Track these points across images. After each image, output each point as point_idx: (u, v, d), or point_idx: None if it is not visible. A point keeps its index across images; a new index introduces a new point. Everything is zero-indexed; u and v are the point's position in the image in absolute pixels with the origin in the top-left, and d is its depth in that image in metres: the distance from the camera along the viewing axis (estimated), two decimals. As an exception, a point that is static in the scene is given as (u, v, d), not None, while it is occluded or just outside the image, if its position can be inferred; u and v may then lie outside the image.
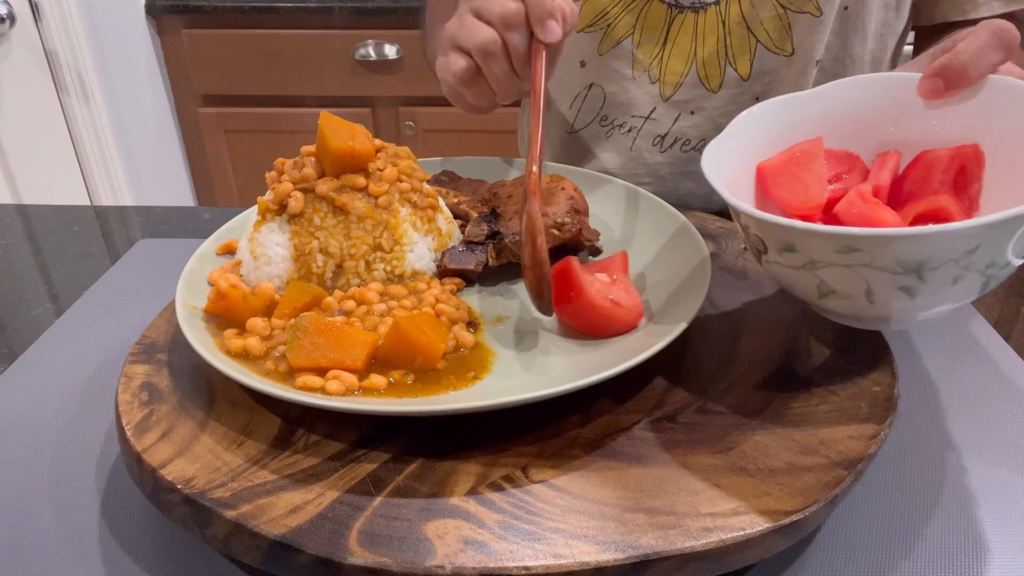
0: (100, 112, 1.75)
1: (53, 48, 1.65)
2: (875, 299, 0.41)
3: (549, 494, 0.40)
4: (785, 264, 0.43)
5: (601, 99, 0.83)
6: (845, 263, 0.40)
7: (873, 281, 0.40)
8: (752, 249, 0.46)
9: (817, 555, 0.42)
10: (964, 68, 0.46)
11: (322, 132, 0.54)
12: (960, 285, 0.39)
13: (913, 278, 0.39)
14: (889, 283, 0.39)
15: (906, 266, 0.38)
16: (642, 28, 0.77)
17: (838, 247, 0.39)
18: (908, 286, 0.39)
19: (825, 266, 0.41)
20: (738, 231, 0.66)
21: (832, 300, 0.43)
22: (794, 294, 0.46)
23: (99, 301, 0.68)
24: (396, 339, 0.47)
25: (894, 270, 0.39)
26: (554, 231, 0.58)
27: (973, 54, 0.46)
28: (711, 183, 0.46)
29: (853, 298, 0.42)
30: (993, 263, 0.39)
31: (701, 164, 0.48)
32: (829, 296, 0.43)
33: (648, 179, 0.84)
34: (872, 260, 0.38)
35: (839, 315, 0.46)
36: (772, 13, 0.74)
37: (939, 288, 0.39)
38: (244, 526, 0.38)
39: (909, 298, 0.40)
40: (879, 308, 0.42)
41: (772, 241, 0.43)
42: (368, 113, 1.96)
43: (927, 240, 0.37)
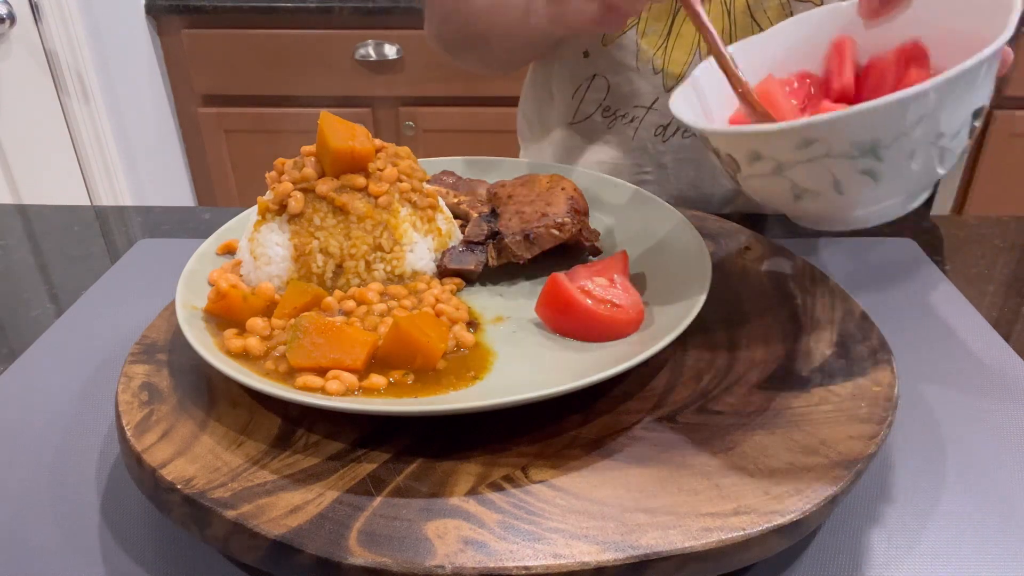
0: (100, 112, 1.75)
1: (53, 48, 1.65)
2: (843, 189, 0.43)
3: (549, 494, 0.40)
4: (758, 174, 0.45)
5: (604, 90, 0.83)
6: (807, 158, 0.42)
7: (837, 170, 0.42)
8: (729, 173, 0.48)
9: (817, 555, 0.42)
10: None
11: (322, 132, 0.54)
12: (918, 162, 0.41)
13: (871, 159, 0.41)
14: (851, 169, 0.41)
15: (861, 148, 0.40)
16: (647, 18, 0.78)
17: (796, 142, 0.41)
18: (870, 169, 0.41)
19: (791, 166, 0.43)
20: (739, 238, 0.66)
21: (807, 201, 0.45)
22: (774, 206, 0.48)
23: (99, 301, 0.68)
24: (396, 339, 0.47)
25: (851, 154, 0.41)
26: (554, 231, 0.58)
27: None
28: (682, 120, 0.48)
29: (824, 194, 0.44)
30: (942, 133, 0.41)
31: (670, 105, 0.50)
32: (803, 197, 0.44)
33: (650, 168, 0.84)
34: (829, 149, 0.41)
35: (819, 219, 0.47)
36: (776, 2, 0.74)
37: (899, 167, 0.41)
38: (244, 526, 0.38)
39: (874, 182, 0.42)
40: (850, 199, 0.44)
41: (740, 155, 0.45)
42: (368, 113, 1.96)
43: (871, 115, 0.39)
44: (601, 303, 0.51)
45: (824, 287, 0.58)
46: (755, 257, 0.62)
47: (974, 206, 1.90)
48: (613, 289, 0.52)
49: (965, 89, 0.40)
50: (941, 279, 0.69)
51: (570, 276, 0.53)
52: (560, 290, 0.51)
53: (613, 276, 0.54)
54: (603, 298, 0.51)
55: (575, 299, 0.50)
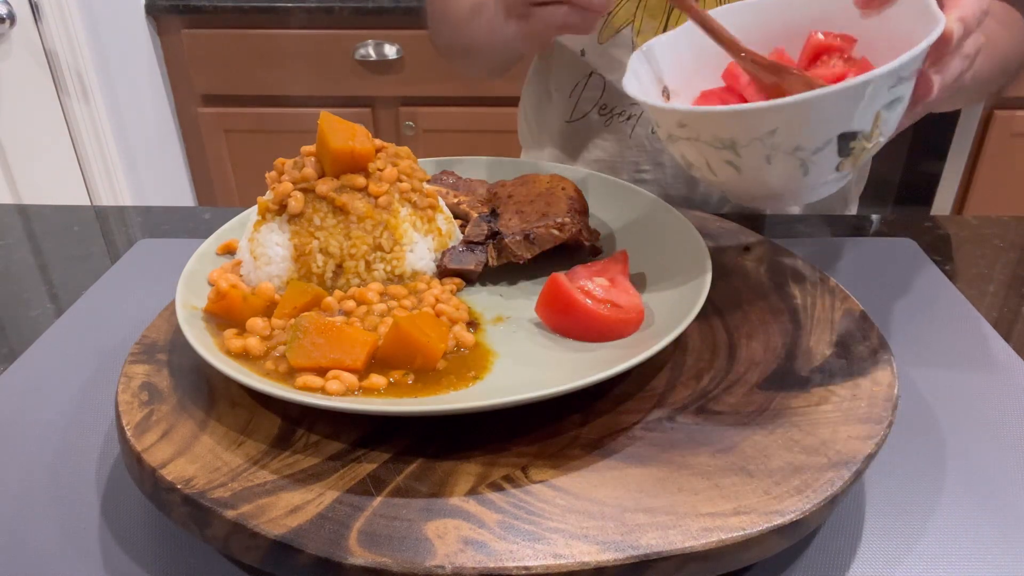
0: (100, 112, 1.75)
1: (53, 48, 1.65)
2: (715, 172, 0.46)
3: (549, 494, 0.40)
4: (662, 138, 0.49)
5: (601, 87, 0.83)
6: (685, 136, 0.45)
7: (706, 154, 0.45)
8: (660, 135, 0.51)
9: (817, 555, 0.42)
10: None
11: (322, 132, 0.54)
12: (777, 165, 0.44)
13: (731, 153, 0.43)
14: (716, 157, 0.45)
15: (722, 142, 0.43)
16: (642, 16, 0.78)
17: (675, 120, 0.45)
18: (731, 161, 0.44)
19: (676, 140, 0.46)
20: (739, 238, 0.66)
21: (696, 172, 0.48)
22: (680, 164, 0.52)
23: (99, 301, 0.68)
24: (396, 339, 0.47)
25: (715, 144, 0.44)
26: (554, 231, 0.58)
27: None
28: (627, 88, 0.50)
29: (702, 171, 0.47)
30: (800, 147, 0.43)
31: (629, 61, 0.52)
32: (691, 168, 0.48)
33: (647, 166, 0.84)
34: (697, 135, 0.44)
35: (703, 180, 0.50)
36: None
37: (756, 165, 0.44)
38: (244, 526, 0.38)
39: (737, 172, 0.45)
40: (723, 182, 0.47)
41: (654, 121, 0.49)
42: (368, 113, 1.95)
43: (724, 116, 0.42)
44: (601, 303, 0.51)
45: (824, 287, 0.58)
46: (755, 257, 0.62)
47: (974, 206, 1.90)
48: (613, 289, 0.52)
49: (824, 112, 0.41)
50: (941, 279, 0.69)
51: (570, 276, 0.53)
52: (560, 290, 0.51)
53: (613, 276, 0.54)
54: (603, 298, 0.51)
55: (575, 299, 0.50)
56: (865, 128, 0.43)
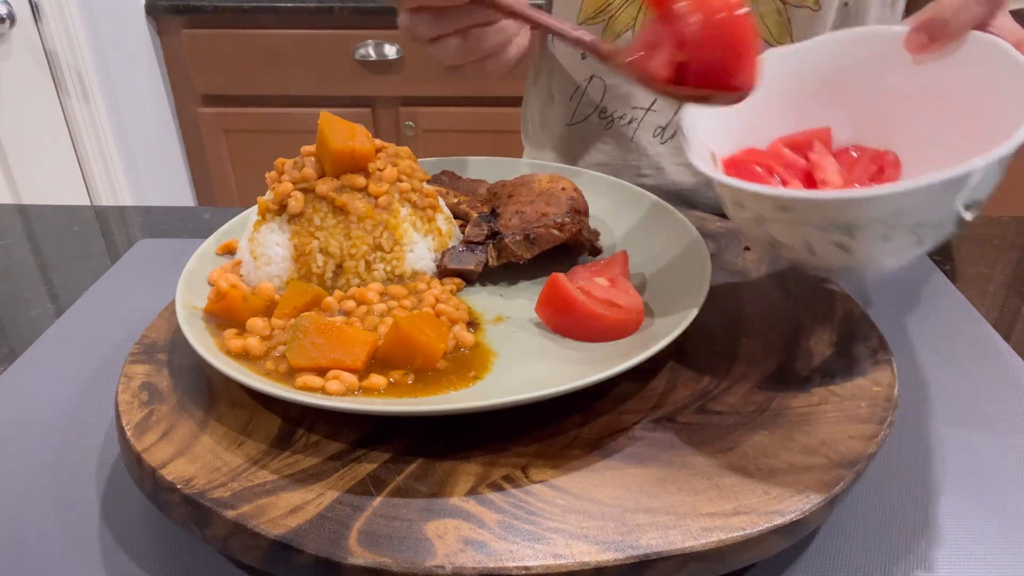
0: (100, 112, 1.75)
1: (53, 48, 1.65)
2: (815, 252, 0.43)
3: (549, 494, 0.40)
4: (740, 217, 0.46)
5: (602, 91, 0.83)
6: (785, 219, 0.42)
7: (810, 237, 0.42)
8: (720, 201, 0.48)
9: (817, 555, 0.42)
10: (945, 22, 0.46)
11: (322, 132, 0.54)
12: (893, 243, 0.41)
13: (844, 235, 0.41)
14: (824, 239, 0.42)
15: (837, 225, 0.40)
16: (643, 21, 0.78)
17: (775, 206, 0.42)
18: (841, 243, 0.41)
19: (769, 221, 0.43)
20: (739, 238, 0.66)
21: (784, 251, 0.45)
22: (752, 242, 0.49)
23: (99, 301, 0.68)
24: (396, 339, 0.47)
25: (826, 228, 0.41)
26: (554, 231, 0.58)
27: (956, 8, 0.46)
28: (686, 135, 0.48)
29: (798, 251, 0.44)
30: (921, 223, 0.40)
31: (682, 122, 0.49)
32: (778, 247, 0.45)
33: (648, 171, 0.84)
34: (805, 219, 0.41)
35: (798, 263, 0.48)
36: (771, 7, 0.74)
37: (871, 245, 0.41)
38: (244, 526, 0.38)
39: (846, 253, 0.42)
40: (822, 260, 0.44)
41: (726, 198, 0.46)
42: (368, 113, 1.96)
43: (848, 205, 0.39)
44: (601, 303, 0.51)
45: (824, 287, 0.58)
46: (755, 257, 0.62)
47: (974, 206, 1.90)
48: (613, 289, 0.52)
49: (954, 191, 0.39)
50: (941, 279, 0.69)
51: (570, 276, 0.53)
52: (560, 290, 0.51)
53: (613, 276, 0.54)
54: (603, 298, 0.51)
55: (575, 299, 0.50)
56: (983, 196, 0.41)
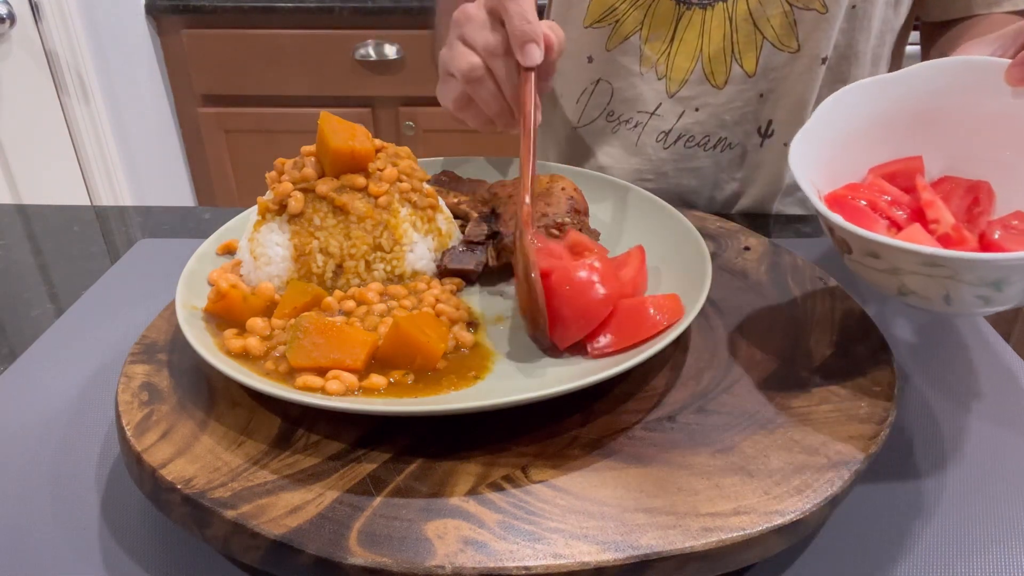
0: (100, 112, 1.75)
1: (53, 48, 1.65)
2: (952, 303, 0.43)
3: (549, 494, 0.40)
4: (871, 267, 0.45)
5: (608, 95, 0.83)
6: (928, 274, 0.42)
7: (953, 290, 0.42)
8: (836, 245, 0.47)
9: (817, 555, 0.42)
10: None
11: (322, 132, 0.54)
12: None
13: (991, 290, 0.41)
14: (968, 292, 0.42)
15: (986, 281, 0.41)
16: (650, 24, 0.78)
17: (923, 262, 0.41)
18: (985, 296, 0.42)
19: (908, 274, 0.43)
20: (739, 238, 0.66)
21: (911, 299, 0.45)
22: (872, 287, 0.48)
23: (99, 301, 0.68)
24: (396, 339, 0.47)
25: (974, 283, 0.41)
26: (554, 231, 0.57)
27: None
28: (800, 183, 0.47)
29: (931, 300, 0.44)
30: None
31: (789, 160, 0.48)
32: (909, 296, 0.45)
33: (651, 175, 0.84)
34: (954, 275, 0.41)
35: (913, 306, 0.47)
36: (779, 10, 0.74)
37: (1013, 296, 0.42)
38: (244, 526, 0.38)
39: (985, 304, 0.43)
40: (954, 308, 0.44)
41: (858, 247, 0.44)
42: (368, 113, 1.95)
43: (1009, 265, 0.40)
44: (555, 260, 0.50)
45: (824, 287, 0.58)
46: (755, 257, 0.62)
47: (974, 206, 1.89)
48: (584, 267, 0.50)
49: None
50: (941, 279, 0.69)
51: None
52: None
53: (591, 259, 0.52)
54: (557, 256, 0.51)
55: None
56: None
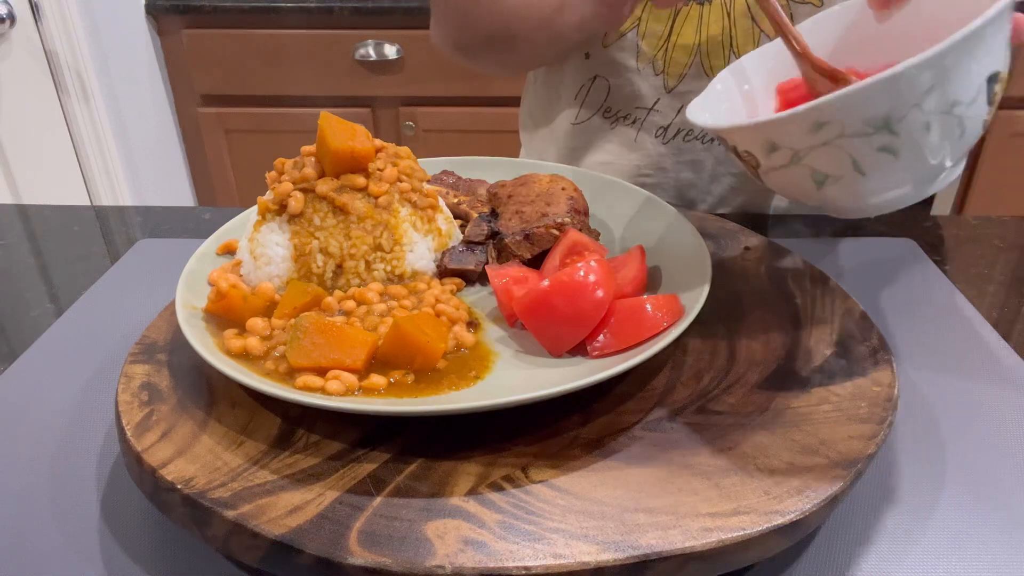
0: (100, 112, 1.75)
1: (53, 48, 1.65)
2: (864, 169, 0.42)
3: (549, 494, 0.40)
4: (777, 166, 0.44)
5: (605, 91, 0.83)
6: (822, 141, 0.41)
7: (854, 150, 0.41)
8: (749, 170, 0.47)
9: (817, 555, 0.42)
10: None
11: (322, 132, 0.54)
12: (935, 132, 0.40)
13: (886, 135, 0.40)
14: (868, 146, 0.40)
15: (874, 124, 0.39)
16: (647, 20, 0.78)
17: (808, 126, 0.40)
18: (887, 145, 0.40)
19: (808, 152, 0.42)
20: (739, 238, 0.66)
21: (830, 187, 0.44)
22: (798, 198, 0.48)
23: (99, 301, 0.68)
24: (396, 339, 0.47)
25: (866, 131, 0.40)
26: (554, 231, 0.58)
27: None
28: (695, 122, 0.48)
29: (845, 176, 0.43)
30: (957, 101, 0.40)
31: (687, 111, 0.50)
32: (825, 183, 0.43)
33: (650, 170, 0.85)
34: (843, 129, 0.40)
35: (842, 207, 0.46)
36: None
37: (916, 140, 0.40)
38: (244, 526, 0.38)
39: (894, 158, 0.41)
40: (873, 179, 0.43)
41: (757, 148, 0.44)
42: (368, 113, 1.96)
43: (878, 88, 0.38)
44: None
45: (824, 287, 0.58)
46: (755, 257, 0.62)
47: (974, 206, 1.90)
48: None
49: (972, 52, 0.39)
50: (941, 279, 0.69)
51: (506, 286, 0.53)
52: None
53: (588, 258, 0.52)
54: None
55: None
56: (1002, 67, 0.41)
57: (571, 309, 0.48)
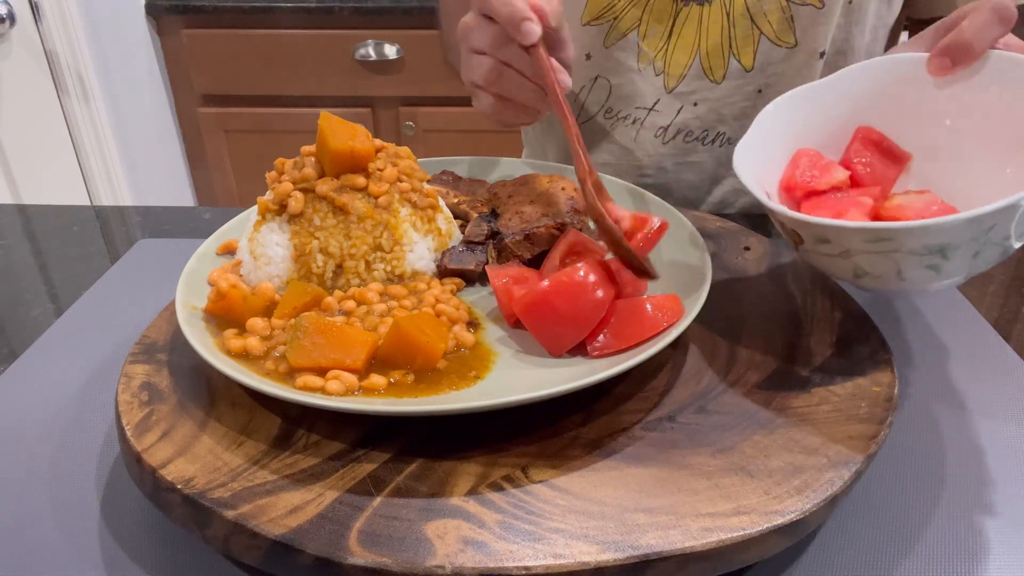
0: (100, 112, 1.75)
1: (53, 48, 1.65)
2: (905, 277, 0.44)
3: (549, 494, 0.40)
4: (822, 253, 0.46)
5: (606, 91, 0.83)
6: (876, 250, 0.43)
7: (902, 263, 0.43)
8: (788, 239, 0.49)
9: (817, 555, 0.42)
10: (969, 44, 0.49)
11: (322, 132, 0.54)
12: (980, 258, 0.43)
13: (938, 258, 0.42)
14: (917, 263, 0.43)
15: (931, 249, 0.42)
16: (648, 21, 0.78)
17: (869, 238, 0.43)
18: (934, 264, 0.43)
19: (858, 253, 0.44)
20: (739, 238, 0.66)
21: (866, 280, 0.46)
22: (830, 275, 0.50)
23: (99, 301, 0.68)
24: (396, 339, 0.47)
25: (920, 253, 0.42)
26: (554, 231, 0.58)
27: (976, 31, 0.49)
28: (747, 186, 0.49)
29: (884, 277, 0.45)
30: (1008, 235, 0.42)
31: (734, 166, 0.51)
32: (863, 277, 0.46)
33: (650, 170, 0.85)
34: (900, 247, 0.42)
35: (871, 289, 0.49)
36: (776, 5, 0.75)
37: (962, 263, 0.43)
38: (244, 526, 0.38)
39: (936, 274, 0.44)
40: (909, 284, 0.45)
41: (808, 235, 0.46)
42: (368, 113, 1.96)
43: (951, 225, 0.41)
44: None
45: (824, 287, 0.58)
46: (755, 257, 0.62)
47: (974, 206, 1.89)
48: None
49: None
50: (941, 279, 0.69)
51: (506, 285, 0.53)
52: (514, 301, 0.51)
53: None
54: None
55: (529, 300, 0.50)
56: None
57: (570, 309, 0.48)
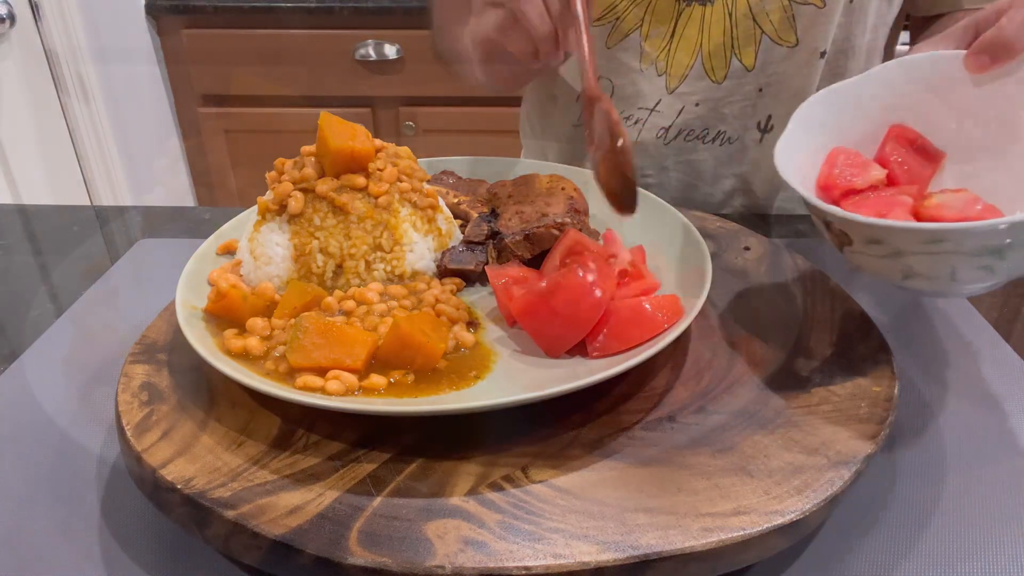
0: (100, 112, 1.75)
1: (53, 48, 1.65)
2: (958, 278, 0.44)
3: (549, 494, 0.40)
4: (871, 254, 0.45)
5: (608, 92, 0.83)
6: (932, 251, 0.42)
7: (958, 264, 0.43)
8: (832, 240, 0.48)
9: (817, 555, 0.42)
10: (1010, 42, 0.49)
11: (322, 132, 0.54)
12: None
13: (994, 259, 0.42)
14: (972, 264, 0.42)
15: (989, 250, 0.41)
16: (650, 21, 0.78)
17: (926, 239, 0.42)
18: (989, 265, 0.42)
19: (911, 255, 0.43)
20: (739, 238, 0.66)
21: (916, 281, 0.45)
22: (875, 276, 0.48)
23: (99, 301, 0.68)
24: (396, 339, 0.47)
25: (978, 254, 0.42)
26: (554, 231, 0.58)
27: (1017, 28, 0.48)
28: (791, 185, 0.48)
29: (937, 278, 0.44)
30: None
31: (776, 165, 0.49)
32: (913, 278, 0.45)
33: (651, 170, 0.85)
34: (959, 247, 0.41)
35: (918, 291, 0.48)
36: (778, 5, 0.75)
37: (1017, 262, 0.42)
38: (244, 526, 0.38)
39: (990, 274, 0.43)
40: (960, 285, 0.45)
41: (858, 236, 0.45)
42: (368, 113, 1.95)
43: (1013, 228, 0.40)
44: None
45: (824, 287, 0.58)
46: (755, 257, 0.62)
47: (974, 206, 1.89)
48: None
49: None
50: (941, 279, 0.69)
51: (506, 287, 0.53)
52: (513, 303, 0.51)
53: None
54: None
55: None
56: None
57: (568, 311, 0.48)
